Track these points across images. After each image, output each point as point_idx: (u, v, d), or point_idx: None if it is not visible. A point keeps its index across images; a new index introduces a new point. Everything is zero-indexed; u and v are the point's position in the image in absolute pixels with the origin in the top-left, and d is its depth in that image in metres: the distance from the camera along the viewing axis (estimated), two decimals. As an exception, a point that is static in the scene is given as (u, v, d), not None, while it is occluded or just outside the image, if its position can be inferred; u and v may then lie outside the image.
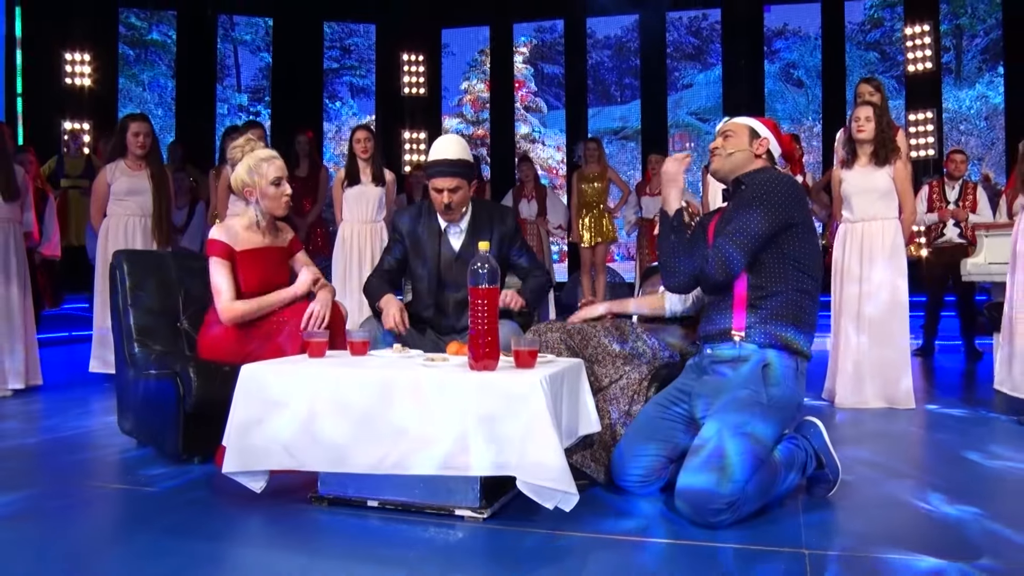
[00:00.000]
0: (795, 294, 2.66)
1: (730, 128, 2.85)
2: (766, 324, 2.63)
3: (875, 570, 2.13)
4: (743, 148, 2.81)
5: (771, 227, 2.62)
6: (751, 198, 2.66)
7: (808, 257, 2.68)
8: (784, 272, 2.65)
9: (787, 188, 2.66)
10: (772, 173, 2.75)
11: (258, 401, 2.64)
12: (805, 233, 2.68)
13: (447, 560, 2.25)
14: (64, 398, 4.92)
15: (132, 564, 2.22)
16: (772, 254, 2.65)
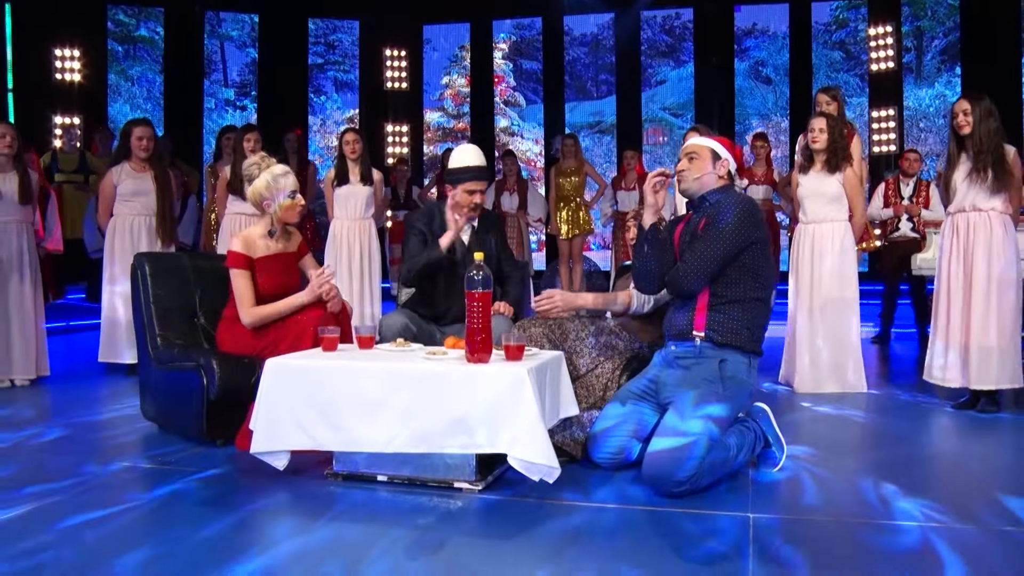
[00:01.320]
0: (750, 302, 3.08)
1: (694, 151, 3.25)
2: (723, 327, 3.05)
3: (803, 532, 2.57)
4: (707, 171, 3.21)
5: (733, 249, 3.02)
6: (718, 222, 3.06)
7: (763, 269, 3.10)
8: (742, 282, 3.07)
9: (747, 213, 3.06)
10: (735, 197, 3.15)
11: (282, 391, 3.03)
12: (762, 249, 3.09)
13: (448, 525, 2.66)
14: (76, 387, 5.27)
15: (180, 535, 2.61)
16: (733, 267, 3.06)
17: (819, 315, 4.92)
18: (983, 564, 2.31)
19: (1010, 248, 4.26)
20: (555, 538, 2.54)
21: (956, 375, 4.33)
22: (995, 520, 2.64)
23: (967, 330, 4.28)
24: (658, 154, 11.12)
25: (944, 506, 2.76)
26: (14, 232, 5.32)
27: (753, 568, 2.25)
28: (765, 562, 2.30)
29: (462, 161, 3.90)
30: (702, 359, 3.05)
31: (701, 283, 3.06)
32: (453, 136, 12.60)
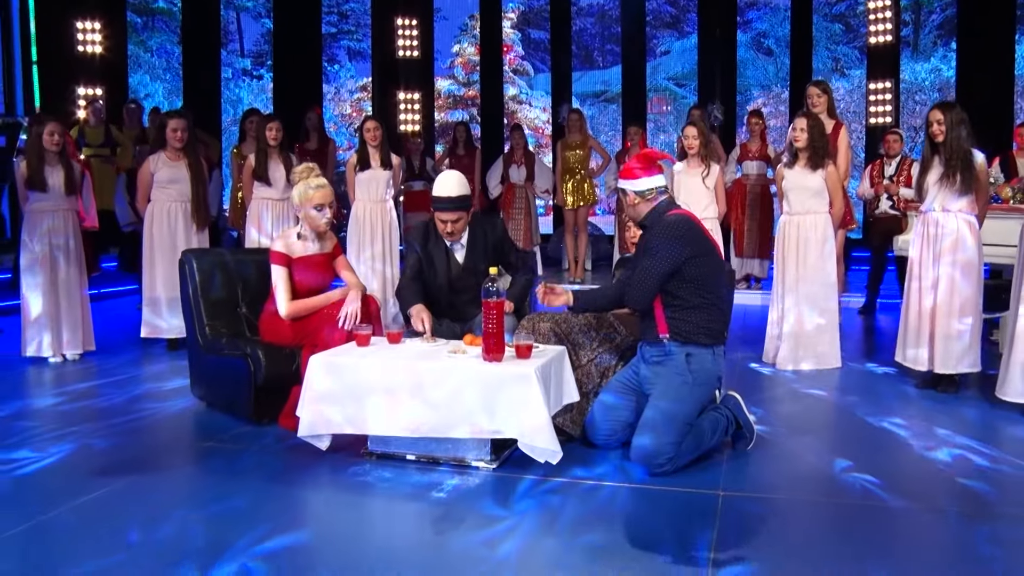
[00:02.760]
0: (700, 307, 3.53)
1: (621, 192, 3.73)
2: (682, 328, 3.51)
3: (764, 507, 3.08)
4: (630, 204, 3.67)
5: (667, 266, 3.47)
6: (654, 245, 3.51)
7: (707, 277, 3.53)
8: (688, 292, 3.51)
9: (671, 235, 3.49)
10: (661, 222, 3.56)
11: (324, 383, 3.54)
12: (702, 259, 3.52)
13: (467, 498, 3.19)
14: (123, 362, 5.77)
15: (240, 507, 3.14)
16: (676, 280, 3.51)
17: (801, 299, 5.38)
18: (905, 537, 2.82)
19: (973, 246, 4.70)
20: (556, 510, 3.06)
21: (923, 359, 4.81)
22: (931, 499, 3.15)
23: (932, 319, 4.74)
24: (662, 123, 11.48)
25: (885, 482, 3.27)
26: (61, 219, 5.79)
27: (717, 539, 2.76)
28: (729, 533, 2.82)
29: (438, 191, 4.24)
30: (671, 356, 3.54)
31: (647, 299, 3.53)
32: (464, 103, 12.96)
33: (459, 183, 4.29)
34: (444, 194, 4.25)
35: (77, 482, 3.35)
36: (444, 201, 4.24)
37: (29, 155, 5.69)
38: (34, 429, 4.10)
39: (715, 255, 3.66)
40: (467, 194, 4.33)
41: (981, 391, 4.70)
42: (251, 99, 12.71)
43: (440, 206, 4.26)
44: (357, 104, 13.08)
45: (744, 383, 5.09)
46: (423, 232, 4.47)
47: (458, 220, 4.28)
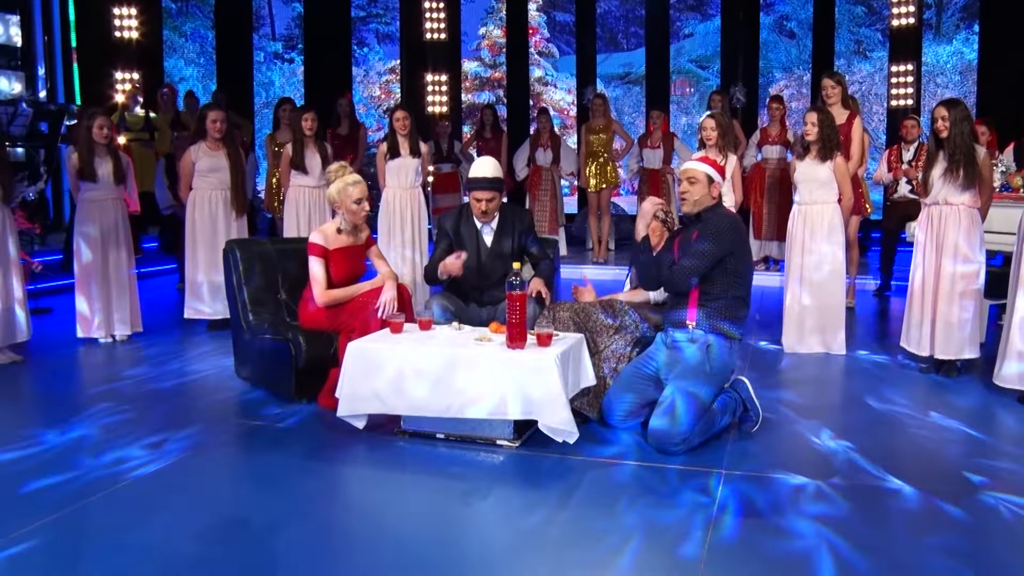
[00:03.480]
0: (732, 299, 3.84)
1: (693, 175, 3.95)
2: (710, 319, 3.82)
3: (764, 484, 3.37)
4: (704, 194, 3.93)
5: (718, 256, 3.78)
6: (709, 234, 3.80)
7: (744, 272, 3.85)
8: (725, 283, 3.82)
9: (731, 228, 3.81)
10: (722, 215, 3.88)
11: (361, 367, 3.86)
12: (742, 255, 3.83)
13: (492, 474, 3.50)
14: (169, 342, 6.14)
15: (286, 482, 3.47)
16: (718, 270, 3.82)
17: (809, 284, 5.63)
18: (890, 517, 3.10)
19: (975, 238, 4.92)
20: (572, 486, 3.37)
21: (925, 345, 5.05)
22: (922, 481, 3.42)
23: (935, 307, 4.98)
24: (685, 105, 11.64)
25: (879, 464, 3.54)
26: (110, 208, 6.14)
27: (715, 515, 3.06)
28: (727, 511, 3.11)
29: (475, 173, 4.69)
30: (694, 343, 3.83)
31: (693, 282, 3.83)
32: (490, 85, 13.17)
33: (494, 166, 4.74)
34: (480, 175, 4.68)
35: (141, 459, 3.70)
36: (480, 181, 4.66)
37: (80, 147, 6.03)
38: (97, 409, 4.46)
39: (751, 256, 3.95)
40: (501, 177, 4.77)
41: (983, 376, 4.92)
42: (282, 82, 13.02)
43: (477, 186, 4.68)
44: (386, 86, 13.34)
45: (756, 364, 5.37)
46: (456, 217, 4.87)
47: (492, 199, 4.69)
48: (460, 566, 2.72)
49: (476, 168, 4.68)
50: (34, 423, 4.22)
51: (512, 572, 2.69)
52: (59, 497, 3.25)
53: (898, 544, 2.87)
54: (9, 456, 3.72)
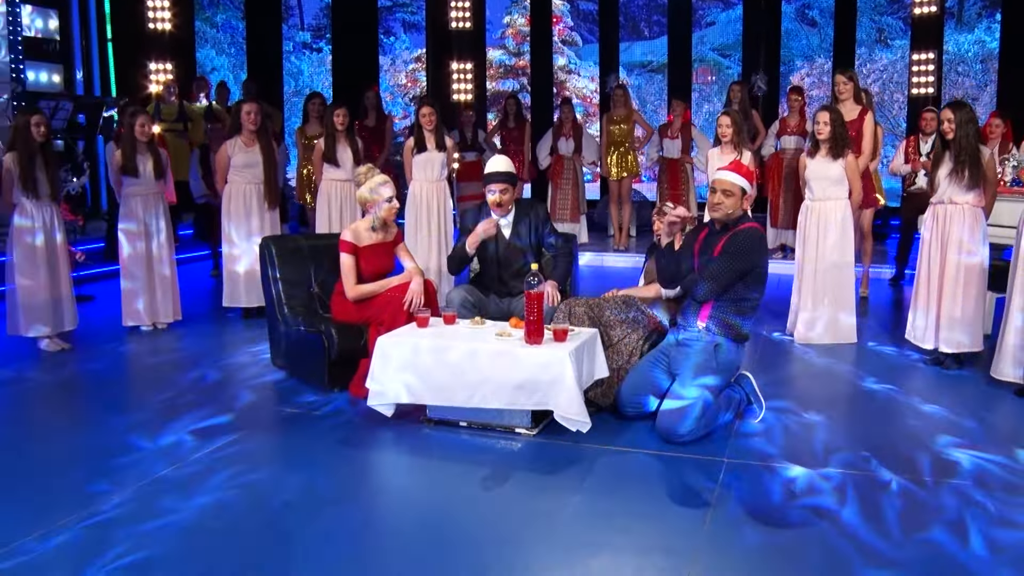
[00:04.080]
0: (743, 303, 4.09)
1: (728, 187, 4.16)
2: (720, 321, 4.07)
3: (763, 474, 3.63)
4: (737, 206, 4.16)
5: (742, 272, 4.02)
6: (733, 254, 4.03)
7: (759, 280, 4.10)
8: (739, 290, 4.06)
9: (755, 247, 4.05)
10: (749, 234, 4.09)
11: (390, 360, 4.14)
12: (761, 268, 4.09)
13: (511, 460, 3.79)
14: (208, 331, 6.48)
15: (321, 465, 3.78)
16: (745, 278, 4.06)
17: (820, 278, 5.84)
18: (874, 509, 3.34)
19: (978, 236, 5.11)
20: (584, 473, 3.65)
21: (930, 337, 5.26)
22: (915, 472, 3.66)
23: (939, 301, 5.18)
24: (707, 92, 11.77)
25: (872, 453, 3.78)
26: (152, 202, 6.46)
27: (715, 501, 3.33)
28: (726, 497, 3.37)
29: (489, 168, 5.03)
30: (703, 343, 4.09)
31: (715, 292, 4.06)
32: (514, 73, 13.37)
33: (506, 162, 5.09)
34: (493, 169, 5.03)
35: (192, 443, 4.02)
36: (494, 175, 5.01)
37: (123, 144, 6.35)
38: (148, 396, 4.80)
39: (767, 263, 4.19)
40: (513, 171, 5.10)
41: (986, 368, 5.12)
42: (311, 71, 13.29)
43: (491, 179, 5.02)
44: (412, 75, 13.58)
45: (766, 353, 5.61)
46: (476, 212, 5.18)
47: (505, 191, 4.99)
48: (479, 544, 3.01)
49: (490, 164, 5.02)
50: (95, 409, 4.55)
51: (525, 550, 2.98)
52: (116, 481, 3.57)
53: (885, 532, 3.11)
54: (81, 440, 4.06)
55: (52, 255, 5.78)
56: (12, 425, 4.43)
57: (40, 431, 4.35)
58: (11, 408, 4.74)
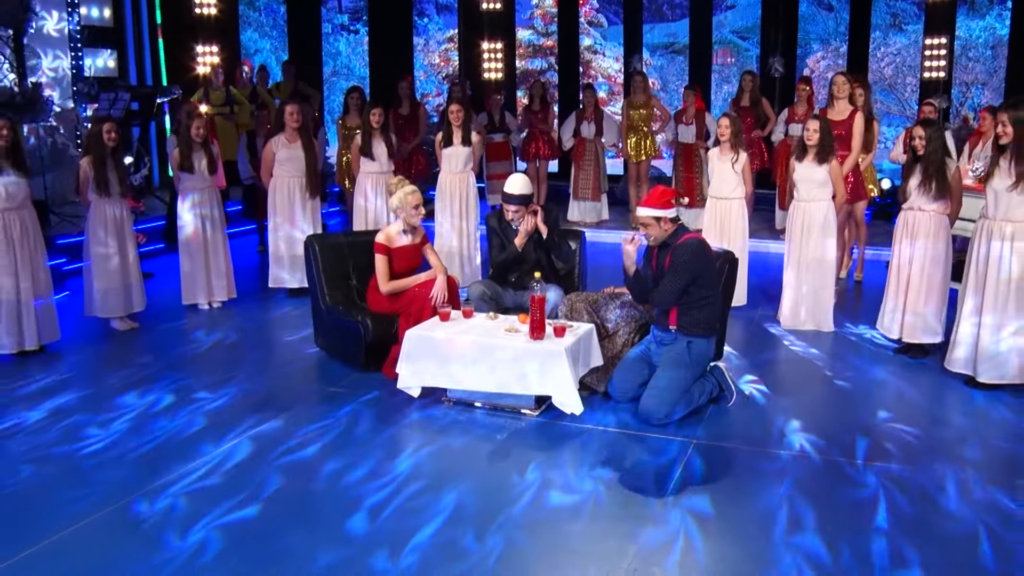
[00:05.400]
0: (705, 306, 4.74)
1: (644, 220, 4.81)
2: (688, 323, 4.74)
3: (723, 453, 4.34)
4: (659, 232, 4.80)
5: (688, 280, 4.66)
6: (675, 269, 4.68)
7: (710, 285, 4.75)
8: (696, 295, 4.71)
9: (692, 259, 4.67)
10: (684, 247, 4.70)
11: (417, 350, 4.91)
12: (706, 274, 4.73)
13: (515, 437, 4.54)
14: (259, 309, 7.27)
15: (358, 438, 4.56)
16: (690, 288, 4.71)
17: (804, 271, 6.46)
18: (813, 481, 4.05)
19: (942, 240, 5.70)
20: (575, 448, 4.39)
21: (895, 329, 5.89)
22: (849, 452, 4.34)
23: (905, 298, 5.80)
24: (725, 74, 12.22)
25: (820, 437, 4.48)
26: (207, 195, 7.24)
27: (678, 475, 4.05)
28: (692, 472, 4.10)
29: (507, 189, 5.74)
30: (676, 342, 4.78)
31: (671, 304, 4.73)
32: (543, 53, 13.89)
33: (524, 184, 5.78)
34: (512, 192, 5.72)
35: (243, 417, 4.82)
36: (511, 197, 5.72)
37: (181, 144, 7.13)
38: (207, 373, 5.61)
39: (714, 268, 4.84)
40: (528, 193, 5.77)
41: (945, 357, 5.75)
42: (348, 52, 13.91)
43: (507, 200, 5.73)
44: (445, 54, 14.15)
45: (753, 340, 6.28)
46: (497, 216, 5.92)
47: (518, 211, 5.74)
48: (482, 502, 3.77)
49: (509, 185, 5.72)
50: (155, 388, 5.37)
51: (513, 509, 3.73)
52: (185, 456, 4.39)
53: (817, 504, 3.82)
54: (178, 412, 4.90)
55: (123, 246, 6.57)
56: (94, 387, 5.24)
57: (121, 399, 5.16)
58: (89, 377, 5.56)
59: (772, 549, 3.44)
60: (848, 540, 3.50)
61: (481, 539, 3.51)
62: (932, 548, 3.45)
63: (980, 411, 4.95)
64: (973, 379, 5.24)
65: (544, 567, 3.35)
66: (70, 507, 3.80)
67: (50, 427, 4.74)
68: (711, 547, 3.47)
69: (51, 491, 3.99)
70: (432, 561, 3.36)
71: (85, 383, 5.48)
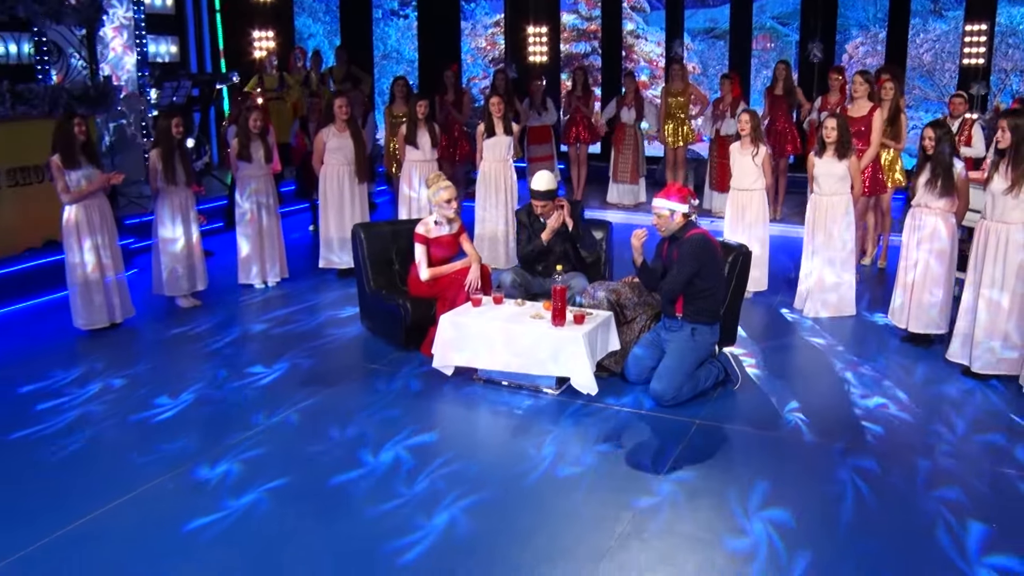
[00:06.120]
0: (709, 297, 5.17)
1: (658, 211, 5.24)
2: (693, 311, 5.18)
3: (722, 433, 4.79)
4: (669, 223, 5.22)
5: (693, 271, 5.08)
6: (681, 260, 5.11)
7: (714, 276, 5.17)
8: (700, 286, 5.13)
9: (697, 252, 5.09)
10: (690, 241, 5.14)
11: (451, 333, 5.43)
12: (710, 266, 5.15)
13: (535, 414, 5.05)
14: (309, 289, 7.85)
15: (395, 413, 5.10)
16: (695, 279, 5.13)
17: (823, 263, 6.82)
18: (798, 462, 4.48)
19: (947, 236, 6.01)
20: (587, 426, 4.88)
21: (903, 319, 6.24)
22: (835, 436, 4.76)
23: (912, 290, 6.14)
24: (765, 59, 12.42)
25: (812, 420, 4.90)
26: (263, 182, 7.82)
27: (676, 454, 4.52)
28: (690, 451, 4.56)
29: (534, 186, 6.17)
30: (683, 329, 5.22)
31: (676, 293, 5.16)
32: (586, 36, 14.21)
33: (549, 180, 6.21)
34: (539, 188, 6.16)
35: (293, 391, 5.40)
36: (539, 193, 6.16)
37: (239, 135, 7.71)
38: (261, 349, 6.20)
39: (718, 261, 5.25)
40: (554, 189, 6.22)
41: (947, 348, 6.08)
42: (398, 36, 14.39)
43: (535, 196, 6.18)
44: (491, 38, 14.55)
45: (768, 325, 6.68)
46: (527, 210, 6.36)
47: (546, 206, 6.16)
48: (505, 468, 4.28)
49: (535, 182, 6.16)
50: (218, 364, 5.97)
51: (528, 477, 4.23)
52: (247, 425, 4.97)
53: (792, 484, 4.26)
54: (236, 384, 5.52)
55: (188, 230, 7.18)
56: (167, 367, 5.86)
57: (190, 369, 5.77)
58: (160, 352, 6.18)
59: (747, 517, 3.90)
60: (819, 511, 3.95)
61: (502, 503, 4.04)
62: (890, 523, 3.88)
63: (967, 400, 5.29)
64: (968, 369, 5.59)
65: (548, 527, 3.86)
66: (142, 470, 4.41)
67: (129, 395, 5.38)
68: (695, 515, 3.95)
69: (122, 452, 4.62)
70: (457, 522, 3.89)
71: (156, 357, 6.11)
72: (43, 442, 4.73)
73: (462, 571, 3.53)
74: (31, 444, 4.71)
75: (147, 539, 3.80)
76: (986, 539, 3.75)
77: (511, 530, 3.83)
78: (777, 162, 10.48)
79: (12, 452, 4.64)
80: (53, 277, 7.20)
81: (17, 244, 7.71)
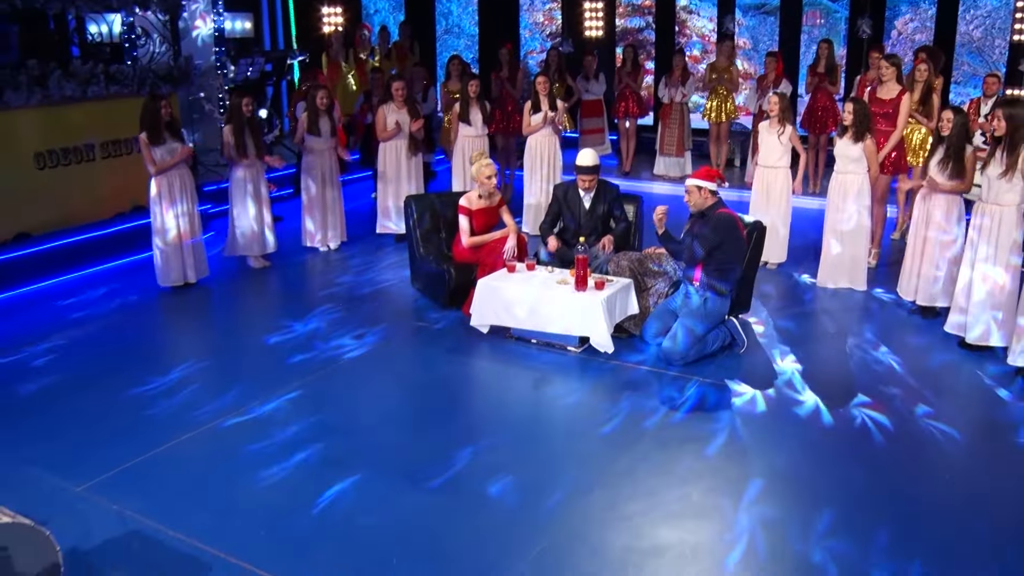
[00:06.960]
0: (724, 268, 5.72)
1: (688, 188, 5.80)
2: (708, 280, 5.74)
3: (720, 389, 5.37)
4: (699, 200, 5.78)
5: (715, 245, 5.64)
6: (707, 231, 5.66)
7: (732, 252, 5.72)
8: (719, 259, 5.69)
9: (723, 226, 5.65)
10: (716, 218, 5.70)
11: (487, 296, 6.11)
12: (732, 243, 5.70)
13: (559, 368, 5.71)
14: (366, 253, 8.60)
15: (437, 364, 5.81)
16: (715, 252, 5.69)
17: (841, 236, 7.28)
18: (793, 422, 5.05)
19: (954, 213, 6.43)
20: (606, 381, 5.52)
21: (911, 292, 6.69)
22: (834, 398, 5.30)
23: (920, 265, 6.58)
24: (815, 35, 12.61)
25: (811, 383, 5.44)
26: (327, 155, 8.57)
27: (678, 404, 5.12)
28: (687, 406, 5.16)
29: (579, 162, 6.72)
30: (697, 295, 5.79)
31: (697, 261, 5.73)
32: (641, 12, 14.53)
33: (592, 157, 6.80)
34: (584, 164, 6.76)
35: (348, 344, 6.14)
36: (583, 168, 6.76)
37: (308, 111, 8.45)
38: (322, 307, 6.96)
39: (741, 242, 5.81)
40: (597, 164, 6.81)
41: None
42: (459, 11, 14.98)
43: (580, 171, 6.78)
44: (548, 13, 15.01)
45: (783, 294, 7.19)
46: (566, 188, 6.94)
47: (591, 179, 6.75)
48: (533, 417, 4.96)
49: (580, 159, 6.74)
50: (286, 316, 6.75)
51: (548, 423, 4.90)
52: (307, 368, 5.74)
53: (786, 441, 4.84)
54: (276, 339, 6.28)
55: (258, 198, 7.96)
56: (241, 316, 6.66)
57: (257, 322, 6.56)
58: (233, 305, 6.99)
59: (724, 459, 4.52)
60: (793, 458, 4.54)
61: (520, 447, 4.72)
62: (840, 475, 4.45)
63: (956, 370, 5.77)
64: (964, 340, 6.04)
65: (559, 465, 4.52)
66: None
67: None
68: (681, 457, 4.57)
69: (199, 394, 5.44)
70: (482, 461, 4.58)
71: (236, 310, 6.93)
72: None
73: (495, 489, 4.23)
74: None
75: (217, 465, 4.58)
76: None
77: (528, 466, 4.50)
78: (818, 138, 10.86)
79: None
80: (139, 239, 8.08)
81: (109, 209, 8.62)
